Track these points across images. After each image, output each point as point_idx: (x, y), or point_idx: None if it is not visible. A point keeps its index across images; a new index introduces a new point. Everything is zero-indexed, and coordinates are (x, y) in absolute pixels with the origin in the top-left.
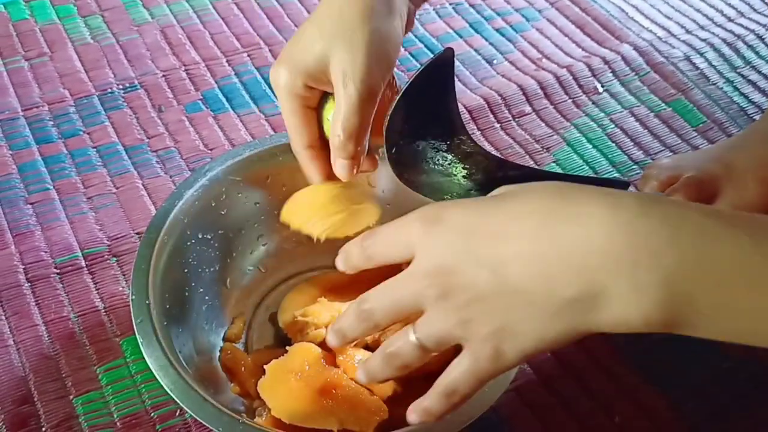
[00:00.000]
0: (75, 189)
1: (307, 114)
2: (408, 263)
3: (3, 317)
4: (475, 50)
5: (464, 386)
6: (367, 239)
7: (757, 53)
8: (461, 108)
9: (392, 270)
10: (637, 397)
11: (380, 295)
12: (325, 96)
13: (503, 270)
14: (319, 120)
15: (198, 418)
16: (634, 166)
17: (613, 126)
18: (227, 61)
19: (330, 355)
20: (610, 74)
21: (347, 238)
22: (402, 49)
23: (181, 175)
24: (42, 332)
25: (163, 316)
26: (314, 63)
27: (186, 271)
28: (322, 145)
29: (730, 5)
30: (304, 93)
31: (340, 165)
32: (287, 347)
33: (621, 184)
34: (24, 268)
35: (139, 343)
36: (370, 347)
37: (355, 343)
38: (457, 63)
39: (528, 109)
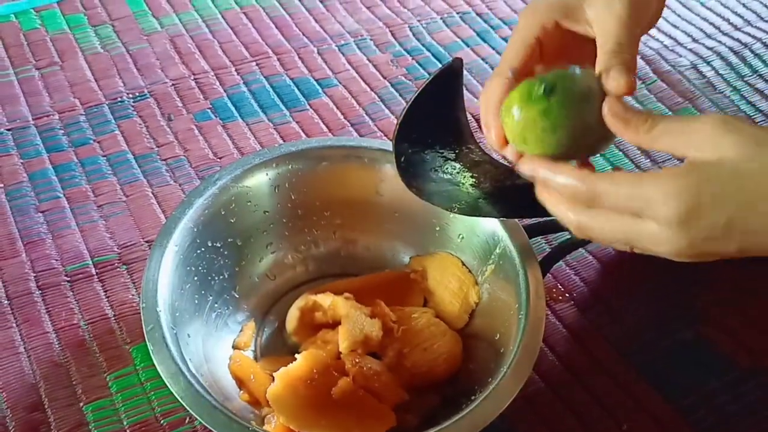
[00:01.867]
0: (85, 197)
1: (531, 48)
2: None
3: (14, 325)
4: (483, 59)
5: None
6: (603, 196)
7: (763, 62)
8: (469, 117)
9: (398, 284)
10: (645, 406)
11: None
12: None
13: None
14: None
15: (208, 426)
16: None
17: None
18: (236, 70)
19: (339, 362)
20: None
21: None
22: (409, 58)
23: (190, 183)
24: (52, 340)
25: (172, 323)
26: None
27: (196, 279)
28: (518, 79)
29: (736, 14)
30: (549, 29)
31: (616, 71)
32: (296, 354)
33: None
34: (35, 276)
35: (150, 351)
36: (378, 355)
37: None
38: (465, 72)
39: None
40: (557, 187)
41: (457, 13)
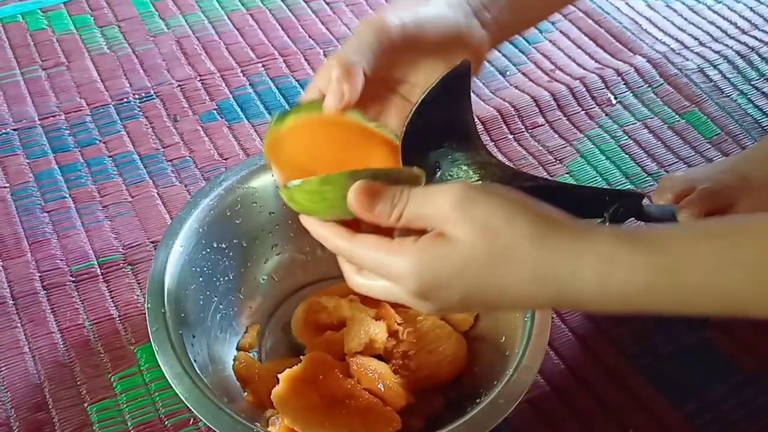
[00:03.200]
0: (91, 197)
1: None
2: None
3: (19, 325)
4: (489, 61)
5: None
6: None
7: None
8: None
9: None
10: (650, 410)
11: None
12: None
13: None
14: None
15: (212, 427)
16: (647, 178)
17: (626, 138)
18: (242, 71)
19: (343, 364)
20: (624, 86)
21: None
22: None
23: (195, 184)
24: (57, 340)
25: (177, 324)
26: None
27: (201, 279)
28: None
29: (743, 17)
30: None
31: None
32: (301, 356)
33: (636, 197)
34: (40, 276)
35: (155, 351)
36: (383, 357)
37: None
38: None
39: (541, 120)
40: (330, 247)
41: None
